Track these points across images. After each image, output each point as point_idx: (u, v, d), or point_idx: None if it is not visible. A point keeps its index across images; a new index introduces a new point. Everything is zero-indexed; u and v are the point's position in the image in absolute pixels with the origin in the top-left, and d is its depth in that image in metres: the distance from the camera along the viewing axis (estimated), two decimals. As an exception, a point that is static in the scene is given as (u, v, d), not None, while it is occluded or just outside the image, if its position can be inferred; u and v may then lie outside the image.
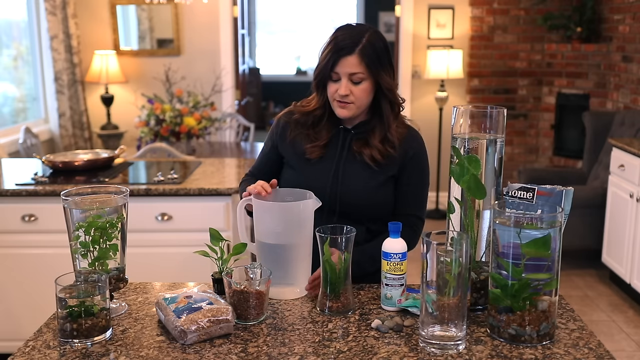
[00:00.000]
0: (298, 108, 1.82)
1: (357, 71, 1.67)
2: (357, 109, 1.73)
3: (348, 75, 1.68)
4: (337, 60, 1.67)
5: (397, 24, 5.72)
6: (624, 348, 3.33)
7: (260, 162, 1.92)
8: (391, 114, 1.75)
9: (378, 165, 1.74)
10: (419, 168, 1.80)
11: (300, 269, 1.61)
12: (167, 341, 1.37)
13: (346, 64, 1.67)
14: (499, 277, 1.34)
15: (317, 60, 1.74)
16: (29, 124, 4.78)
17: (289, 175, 1.82)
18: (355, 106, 1.72)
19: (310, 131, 1.79)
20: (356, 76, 1.68)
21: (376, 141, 1.74)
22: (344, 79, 1.69)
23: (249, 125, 5.48)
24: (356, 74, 1.68)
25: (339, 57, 1.67)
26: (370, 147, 1.74)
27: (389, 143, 1.75)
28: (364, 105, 1.73)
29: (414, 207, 1.81)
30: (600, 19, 5.26)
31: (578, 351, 1.31)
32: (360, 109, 1.74)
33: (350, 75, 1.68)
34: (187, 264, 2.74)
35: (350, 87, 1.69)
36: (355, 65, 1.67)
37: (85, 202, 1.49)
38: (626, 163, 3.82)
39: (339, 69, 1.68)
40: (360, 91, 1.70)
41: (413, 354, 1.30)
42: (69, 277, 1.40)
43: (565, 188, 1.44)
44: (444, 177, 5.47)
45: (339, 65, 1.68)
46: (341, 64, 1.67)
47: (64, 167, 3.04)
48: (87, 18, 5.39)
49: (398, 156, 1.76)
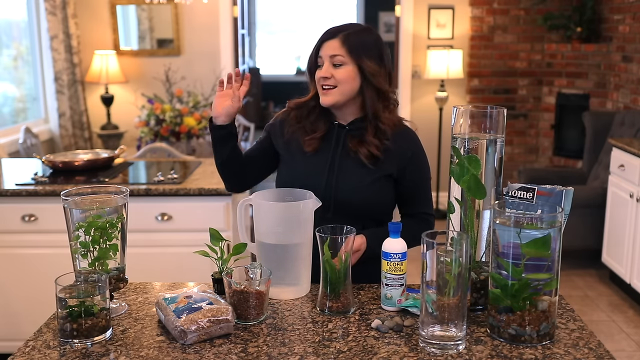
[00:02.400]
0: (295, 102, 1.85)
1: (337, 53, 1.71)
2: (340, 94, 1.73)
3: (329, 57, 1.72)
4: (320, 45, 1.74)
5: (397, 24, 5.72)
6: (624, 348, 3.33)
7: (252, 149, 1.91)
8: (378, 101, 1.75)
9: (374, 163, 1.75)
10: (420, 166, 1.81)
11: (300, 269, 1.61)
12: (167, 341, 1.37)
13: (327, 47, 1.72)
14: (499, 277, 1.34)
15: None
16: (29, 124, 4.78)
17: (285, 171, 1.84)
18: (337, 91, 1.72)
19: (306, 122, 1.81)
20: (336, 58, 1.71)
21: (370, 136, 1.74)
22: (326, 62, 1.73)
23: (249, 125, 5.49)
24: (336, 56, 1.71)
25: (322, 41, 1.74)
26: (366, 144, 1.74)
27: (382, 134, 1.74)
28: (346, 90, 1.73)
29: (423, 205, 1.84)
30: (600, 19, 5.26)
31: (578, 351, 1.31)
32: (343, 95, 1.73)
33: (331, 58, 1.72)
34: (187, 264, 2.74)
35: (331, 70, 1.72)
36: (335, 48, 1.71)
37: (85, 202, 1.49)
38: (626, 163, 3.82)
39: (322, 52, 1.73)
40: (341, 74, 1.71)
41: (413, 354, 1.30)
42: (69, 277, 1.40)
43: (565, 188, 1.44)
44: (444, 177, 5.47)
45: (322, 49, 1.73)
46: (324, 47, 1.73)
47: (64, 167, 3.04)
48: (87, 18, 5.39)
49: (396, 156, 1.76)
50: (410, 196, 1.82)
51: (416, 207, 1.83)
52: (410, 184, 1.80)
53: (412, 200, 1.82)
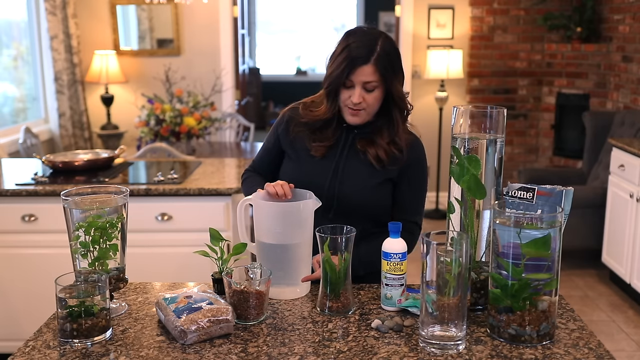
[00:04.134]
0: (306, 113, 1.81)
1: (372, 80, 1.68)
2: (368, 115, 1.74)
3: (362, 83, 1.68)
4: (352, 70, 1.67)
5: (397, 24, 5.72)
6: (624, 348, 3.33)
7: (262, 157, 1.92)
8: (400, 118, 1.77)
9: (381, 165, 1.75)
10: (420, 175, 1.81)
11: (300, 269, 1.61)
12: (167, 341, 1.37)
13: (361, 73, 1.67)
14: (499, 277, 1.34)
15: (328, 67, 1.73)
16: (29, 124, 4.78)
17: (289, 169, 1.83)
18: (366, 113, 1.73)
19: (318, 132, 1.80)
20: (370, 84, 1.69)
21: (383, 142, 1.76)
22: (358, 87, 1.69)
23: (249, 125, 5.48)
24: (370, 82, 1.68)
25: (354, 66, 1.67)
26: (376, 145, 1.76)
27: (396, 146, 1.76)
28: (374, 111, 1.75)
29: (413, 214, 1.83)
30: (600, 19, 5.26)
31: (578, 351, 1.31)
32: (370, 115, 1.75)
33: (364, 84, 1.68)
34: (187, 264, 2.74)
35: (363, 95, 1.69)
36: (370, 75, 1.67)
37: (85, 202, 1.49)
38: (626, 163, 3.82)
39: (354, 77, 1.68)
40: (373, 99, 1.71)
41: (413, 354, 1.30)
42: (69, 277, 1.40)
43: (565, 188, 1.44)
44: (444, 177, 5.46)
45: (354, 74, 1.67)
46: (357, 73, 1.67)
47: (64, 167, 3.04)
48: (87, 18, 5.39)
49: (400, 161, 1.77)
50: (403, 202, 1.81)
51: (406, 214, 1.81)
52: (406, 190, 1.80)
53: (403, 206, 1.81)
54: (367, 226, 1.77)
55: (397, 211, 1.81)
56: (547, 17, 5.33)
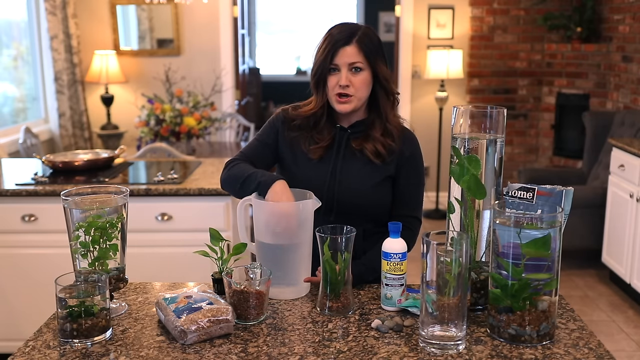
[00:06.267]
0: (297, 113, 1.80)
1: (356, 60, 1.69)
2: (358, 101, 1.73)
3: (347, 65, 1.70)
4: (335, 52, 1.69)
5: (397, 24, 5.72)
6: (624, 348, 3.33)
7: (255, 148, 1.85)
8: (387, 104, 1.77)
9: (381, 160, 1.75)
10: (416, 168, 1.81)
11: (300, 269, 1.61)
12: (167, 341, 1.37)
13: (345, 54, 1.69)
14: (499, 277, 1.34)
15: (314, 59, 1.75)
16: (29, 124, 4.78)
17: (288, 173, 1.82)
18: (355, 98, 1.72)
19: (312, 132, 1.79)
20: (355, 65, 1.69)
21: (377, 134, 1.76)
22: (344, 69, 1.70)
23: (249, 125, 5.48)
24: (355, 62, 1.69)
25: (337, 48, 1.69)
26: (372, 140, 1.75)
27: (389, 135, 1.76)
28: (363, 97, 1.74)
29: (412, 208, 1.82)
30: (600, 19, 5.26)
31: (578, 351, 1.31)
32: (360, 102, 1.74)
33: (349, 65, 1.69)
34: (187, 264, 2.74)
35: (350, 78, 1.70)
36: (354, 55, 1.69)
37: (85, 202, 1.49)
38: (626, 163, 3.82)
39: (338, 59, 1.70)
40: (360, 81, 1.71)
41: (413, 354, 1.30)
42: (69, 277, 1.40)
43: (565, 188, 1.44)
44: (444, 177, 5.46)
45: (337, 56, 1.69)
46: (340, 54, 1.69)
47: (64, 167, 3.04)
48: (87, 18, 5.39)
49: (397, 156, 1.77)
50: (401, 197, 1.81)
51: (405, 209, 1.81)
52: (404, 185, 1.80)
53: (402, 201, 1.81)
54: (368, 227, 1.77)
55: (397, 206, 1.81)
56: (547, 17, 5.34)
